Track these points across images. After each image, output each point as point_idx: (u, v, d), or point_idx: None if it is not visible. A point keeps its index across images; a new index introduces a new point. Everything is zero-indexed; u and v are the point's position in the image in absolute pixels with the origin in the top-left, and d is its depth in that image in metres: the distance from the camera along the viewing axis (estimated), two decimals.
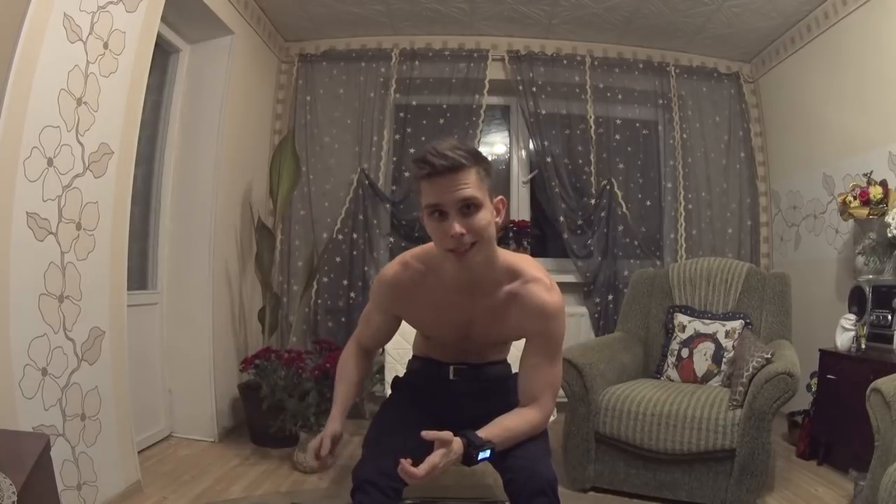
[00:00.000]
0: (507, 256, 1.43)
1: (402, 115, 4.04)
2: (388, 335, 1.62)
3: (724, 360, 2.84)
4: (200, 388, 3.21)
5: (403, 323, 1.64)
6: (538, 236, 4.17)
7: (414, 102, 4.05)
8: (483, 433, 1.35)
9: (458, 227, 1.26)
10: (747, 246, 4.05)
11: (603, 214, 3.97)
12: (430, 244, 1.46)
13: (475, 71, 4.00)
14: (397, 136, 4.05)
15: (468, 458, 1.31)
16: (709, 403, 2.45)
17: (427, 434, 1.27)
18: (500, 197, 1.36)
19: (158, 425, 3.11)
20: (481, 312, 1.43)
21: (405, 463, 1.22)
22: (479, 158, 1.30)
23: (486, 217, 1.29)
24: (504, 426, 1.39)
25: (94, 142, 2.17)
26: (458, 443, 1.29)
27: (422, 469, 1.23)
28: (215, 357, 3.25)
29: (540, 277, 1.41)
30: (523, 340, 1.50)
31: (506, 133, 4.36)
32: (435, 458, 1.25)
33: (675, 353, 2.97)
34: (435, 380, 1.59)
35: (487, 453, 1.32)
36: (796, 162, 3.86)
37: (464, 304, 1.43)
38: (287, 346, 3.67)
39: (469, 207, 1.27)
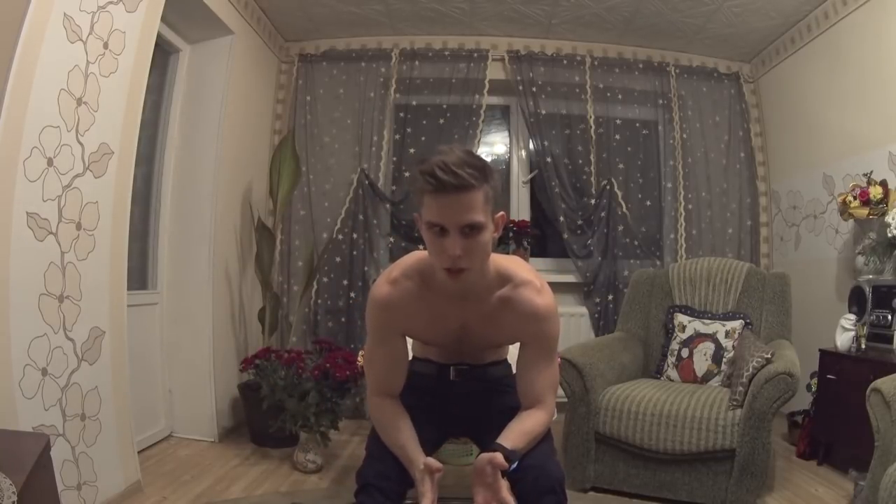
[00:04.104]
0: (498, 261, 1.41)
1: (402, 115, 4.04)
2: (402, 364, 1.50)
3: (724, 360, 2.84)
4: (200, 388, 3.21)
5: None
6: (538, 236, 4.17)
7: (414, 102, 4.05)
8: (507, 442, 1.33)
9: (458, 249, 1.23)
10: (747, 246, 4.05)
11: (603, 214, 3.97)
12: (416, 253, 1.46)
13: (475, 71, 4.00)
14: (397, 136, 4.05)
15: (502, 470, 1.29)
16: (709, 403, 2.45)
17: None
18: (501, 213, 1.32)
19: (158, 425, 3.11)
20: (474, 318, 1.42)
21: None
22: (488, 176, 1.24)
23: (486, 238, 1.26)
24: (523, 431, 1.37)
25: (94, 142, 2.17)
26: (497, 454, 1.28)
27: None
28: (215, 357, 3.25)
29: (530, 280, 1.40)
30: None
31: (506, 133, 4.36)
32: (504, 492, 1.26)
33: (675, 353, 2.97)
34: (436, 381, 1.59)
35: (515, 464, 1.32)
36: (796, 162, 3.86)
37: (457, 311, 1.41)
38: (287, 346, 3.67)
39: (471, 229, 1.23)
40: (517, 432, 1.36)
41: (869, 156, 3.10)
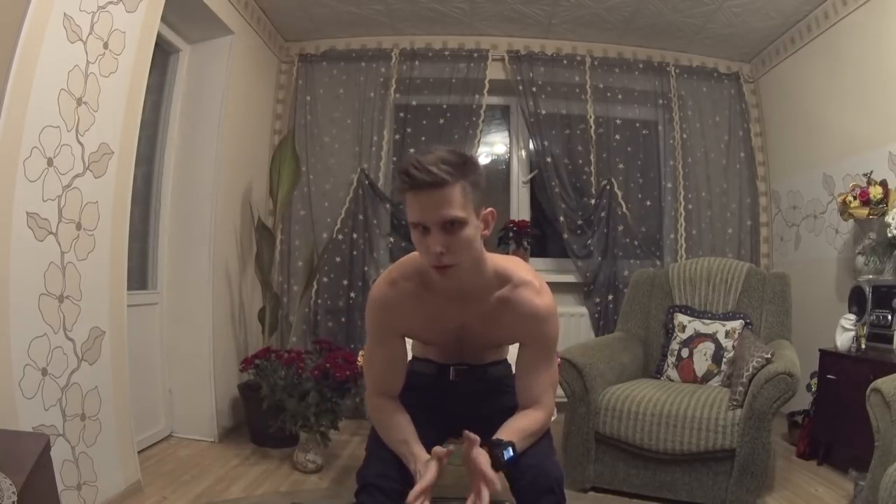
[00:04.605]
0: (497, 261, 1.41)
1: (402, 115, 4.04)
2: (401, 365, 1.49)
3: (724, 360, 2.84)
4: (200, 388, 3.21)
5: None
6: (538, 236, 4.17)
7: (414, 102, 4.05)
8: (501, 437, 1.34)
9: (438, 246, 1.23)
10: (747, 246, 4.05)
11: (603, 214, 3.97)
12: (415, 254, 1.45)
13: (475, 71, 4.00)
14: (397, 136, 4.05)
15: (496, 460, 1.29)
16: (709, 403, 2.45)
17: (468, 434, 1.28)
18: (489, 209, 1.32)
19: (158, 425, 3.11)
20: (474, 319, 1.42)
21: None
22: (466, 171, 1.23)
23: (470, 233, 1.25)
24: (517, 428, 1.37)
25: (94, 142, 2.17)
26: (482, 449, 1.29)
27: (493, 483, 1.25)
28: (215, 357, 3.25)
29: (529, 280, 1.40)
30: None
31: (506, 133, 4.36)
32: (488, 471, 1.24)
33: (675, 353, 2.97)
34: (436, 381, 1.59)
35: (511, 452, 1.32)
36: (796, 162, 3.86)
37: (456, 311, 1.41)
38: (287, 346, 3.67)
39: (452, 224, 1.23)
40: (510, 429, 1.37)
41: (869, 156, 3.10)
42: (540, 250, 4.22)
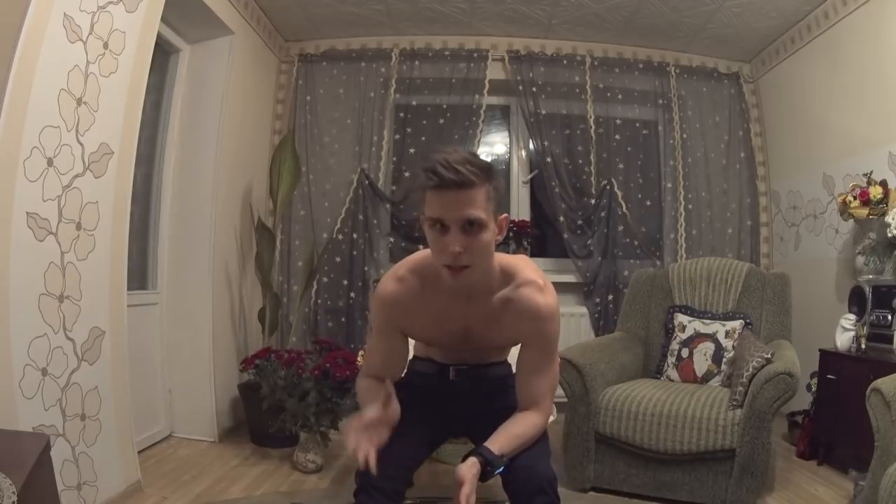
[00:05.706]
0: (502, 260, 1.41)
1: (402, 115, 4.04)
2: (400, 359, 1.52)
3: (724, 360, 2.84)
4: (200, 388, 3.21)
5: None
6: (538, 236, 4.17)
7: (414, 102, 4.05)
8: (495, 446, 1.33)
9: (457, 246, 1.25)
10: (747, 246, 4.05)
11: (603, 214, 3.97)
12: (422, 252, 1.46)
13: (475, 71, 4.00)
14: (397, 136, 4.05)
15: (484, 474, 1.30)
16: (709, 403, 2.45)
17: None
18: (504, 215, 1.35)
19: (158, 425, 3.11)
20: (478, 318, 1.43)
21: None
22: (490, 176, 1.27)
23: (488, 237, 1.28)
24: (512, 434, 1.37)
25: (94, 142, 2.17)
26: (475, 463, 1.28)
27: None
28: (215, 357, 3.25)
29: (533, 279, 1.40)
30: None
31: (506, 133, 4.36)
32: (467, 489, 1.24)
33: (675, 353, 2.97)
34: (436, 381, 1.59)
35: (502, 469, 1.32)
36: (796, 162, 3.86)
37: (460, 311, 1.42)
38: (287, 346, 3.67)
39: (472, 226, 1.25)
40: (506, 435, 1.37)
41: (869, 156, 3.10)
42: (540, 250, 4.22)
